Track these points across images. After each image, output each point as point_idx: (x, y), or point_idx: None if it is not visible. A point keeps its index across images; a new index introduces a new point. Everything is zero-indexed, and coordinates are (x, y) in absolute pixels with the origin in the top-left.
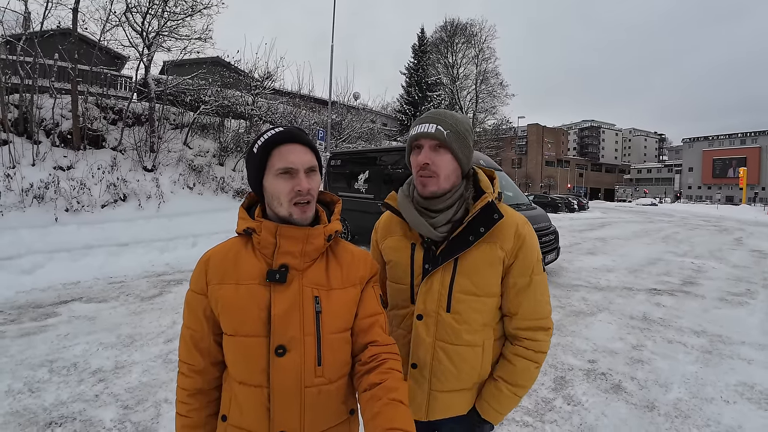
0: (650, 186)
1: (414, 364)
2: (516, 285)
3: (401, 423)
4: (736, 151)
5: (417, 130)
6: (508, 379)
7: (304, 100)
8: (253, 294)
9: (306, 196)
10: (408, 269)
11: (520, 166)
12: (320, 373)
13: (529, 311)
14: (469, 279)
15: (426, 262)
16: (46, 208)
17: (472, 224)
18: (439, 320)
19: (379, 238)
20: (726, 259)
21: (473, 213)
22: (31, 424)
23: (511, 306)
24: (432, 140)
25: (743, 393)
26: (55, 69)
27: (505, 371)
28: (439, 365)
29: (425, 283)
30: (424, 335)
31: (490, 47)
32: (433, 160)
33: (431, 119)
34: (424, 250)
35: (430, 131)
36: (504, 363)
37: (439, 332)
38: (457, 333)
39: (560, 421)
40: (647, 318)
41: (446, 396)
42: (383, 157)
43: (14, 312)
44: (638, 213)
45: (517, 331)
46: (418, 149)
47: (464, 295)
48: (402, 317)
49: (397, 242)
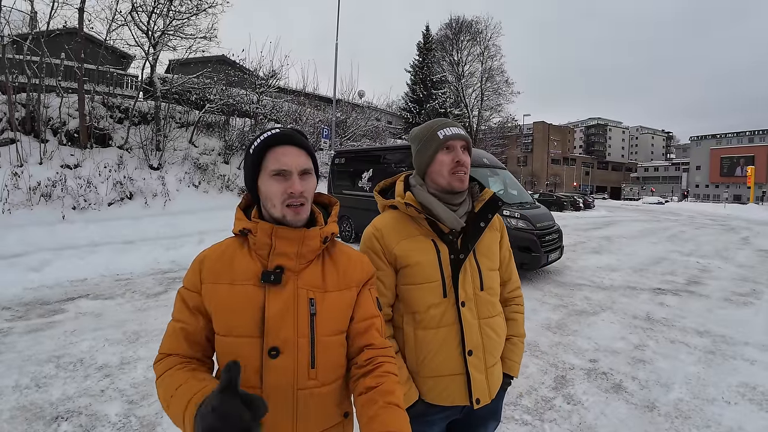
0: (657, 184)
1: (470, 351)
2: (506, 257)
3: (397, 427)
4: (744, 149)
5: (450, 131)
6: (516, 333)
7: (308, 98)
8: (248, 295)
9: (299, 198)
10: (436, 266)
11: (526, 164)
12: (313, 376)
13: (515, 276)
14: (487, 257)
15: (452, 254)
16: (53, 206)
17: (482, 211)
18: (478, 300)
19: (389, 243)
20: (732, 259)
21: (483, 202)
22: (37, 418)
23: (504, 275)
24: (464, 141)
25: (745, 394)
26: (62, 68)
27: (513, 329)
28: (489, 341)
29: (463, 271)
30: (471, 319)
31: (495, 44)
32: (465, 161)
33: (455, 124)
34: (446, 243)
35: (463, 134)
36: (510, 323)
37: (481, 311)
38: (493, 305)
39: (560, 420)
40: (650, 318)
41: (496, 368)
42: (387, 155)
43: (22, 308)
44: (645, 212)
45: (510, 293)
46: (447, 150)
47: (489, 271)
48: (441, 314)
49: (418, 243)
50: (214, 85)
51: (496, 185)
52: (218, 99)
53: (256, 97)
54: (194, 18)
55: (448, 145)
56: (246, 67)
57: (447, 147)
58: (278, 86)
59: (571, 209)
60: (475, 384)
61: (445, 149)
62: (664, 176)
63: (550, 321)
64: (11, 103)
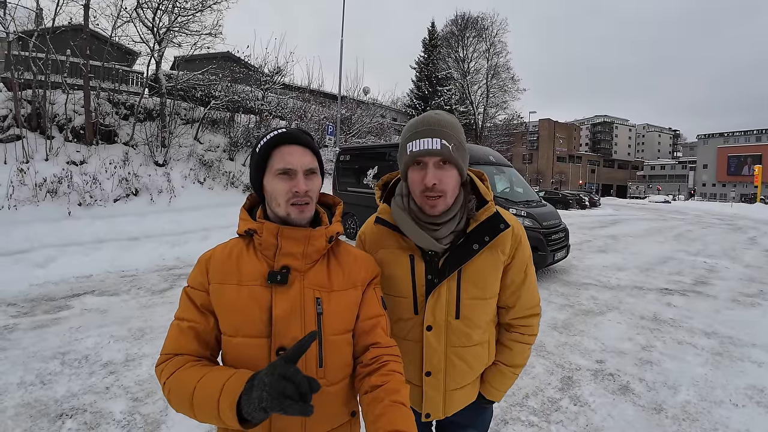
0: (664, 183)
1: (428, 372)
2: (514, 282)
3: (403, 425)
4: (751, 148)
5: (418, 146)
6: (508, 362)
7: (313, 95)
8: (255, 295)
9: (304, 198)
10: (409, 282)
11: (531, 162)
12: (322, 375)
13: (525, 302)
14: (474, 285)
15: (429, 274)
16: (59, 203)
17: (475, 233)
18: (449, 328)
19: (369, 250)
20: (739, 259)
21: (477, 223)
22: (42, 415)
23: (509, 301)
24: (438, 157)
25: (752, 396)
26: (68, 65)
27: (504, 356)
28: (453, 368)
29: (432, 296)
30: (436, 344)
31: (501, 41)
32: (440, 179)
33: (432, 132)
34: (425, 262)
35: (435, 148)
36: (502, 349)
37: (450, 339)
38: (468, 336)
39: (566, 422)
40: (657, 318)
41: (460, 392)
42: (392, 152)
43: (27, 305)
44: (651, 210)
45: (514, 320)
46: (418, 165)
47: (472, 300)
48: (408, 329)
49: (391, 255)
50: (219, 81)
51: (501, 183)
52: (223, 95)
53: (261, 93)
54: (199, 14)
55: (417, 161)
56: (251, 64)
57: (417, 162)
58: (283, 83)
59: (576, 207)
60: (427, 400)
61: (415, 165)
62: (671, 175)
63: (557, 321)
64: (17, 100)
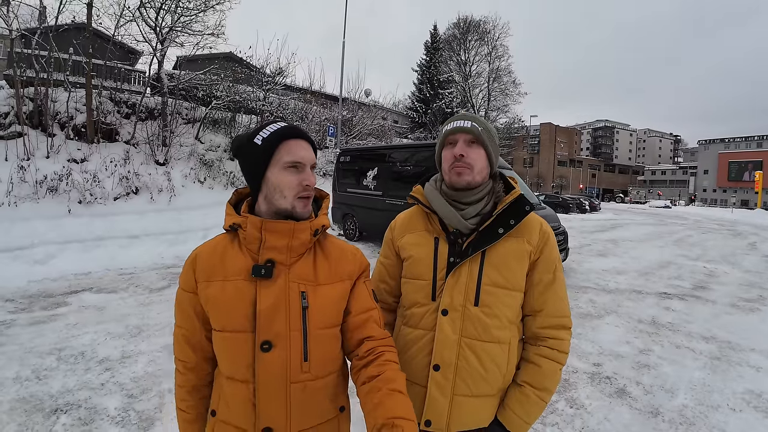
0: (664, 188)
1: (436, 365)
2: (542, 281)
3: (402, 412)
4: (752, 154)
5: (452, 125)
6: (534, 383)
7: (315, 96)
8: (240, 290)
9: (311, 191)
10: (431, 264)
11: (532, 166)
12: (306, 369)
13: (553, 308)
14: (498, 271)
15: (451, 256)
16: (59, 200)
17: (502, 216)
18: (466, 314)
19: (396, 236)
20: (739, 264)
21: (504, 204)
22: (36, 410)
23: (536, 303)
24: (467, 134)
25: (750, 401)
26: (70, 63)
27: (530, 375)
28: (466, 365)
29: (452, 276)
30: (450, 332)
31: (503, 45)
32: (468, 153)
33: (466, 117)
34: (449, 244)
35: (465, 126)
36: (529, 366)
37: (466, 328)
38: (486, 328)
39: (562, 425)
40: (656, 322)
41: (470, 402)
42: (392, 154)
43: (25, 301)
44: (651, 215)
45: (542, 330)
46: (451, 145)
47: (494, 287)
48: (421, 315)
49: (418, 237)
50: (221, 81)
51: None
52: (225, 96)
53: (262, 94)
54: (202, 14)
55: (449, 140)
56: (253, 65)
57: (449, 142)
58: (285, 84)
59: (576, 211)
60: (430, 403)
61: (449, 144)
62: (672, 180)
63: None
64: (19, 97)
